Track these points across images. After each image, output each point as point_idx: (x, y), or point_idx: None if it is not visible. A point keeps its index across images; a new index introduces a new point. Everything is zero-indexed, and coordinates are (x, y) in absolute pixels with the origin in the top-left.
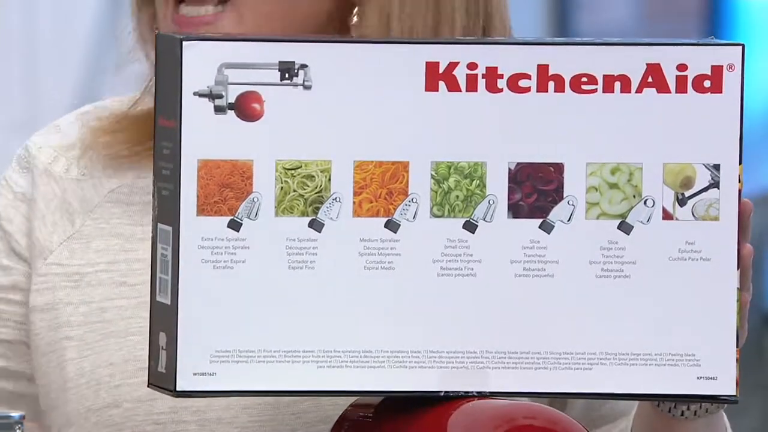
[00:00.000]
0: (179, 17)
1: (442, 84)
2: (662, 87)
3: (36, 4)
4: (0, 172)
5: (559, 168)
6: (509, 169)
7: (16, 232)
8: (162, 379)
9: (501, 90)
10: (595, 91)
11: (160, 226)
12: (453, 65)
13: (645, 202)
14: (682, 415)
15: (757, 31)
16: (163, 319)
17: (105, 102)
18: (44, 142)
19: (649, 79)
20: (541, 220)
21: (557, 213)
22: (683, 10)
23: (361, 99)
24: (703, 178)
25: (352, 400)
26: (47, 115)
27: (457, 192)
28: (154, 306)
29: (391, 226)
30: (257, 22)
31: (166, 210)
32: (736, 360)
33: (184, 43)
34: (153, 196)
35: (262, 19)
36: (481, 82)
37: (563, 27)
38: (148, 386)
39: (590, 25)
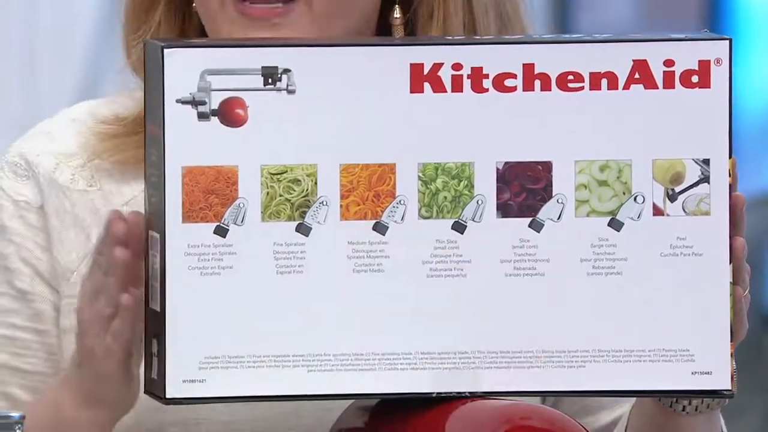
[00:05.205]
0: (250, 8)
1: (427, 85)
2: (649, 83)
3: (36, 4)
4: None
5: (547, 166)
6: (497, 168)
7: (31, 246)
8: (154, 386)
9: (487, 90)
10: (581, 88)
11: (150, 233)
12: (438, 66)
13: (635, 199)
14: (683, 410)
15: (757, 31)
16: (154, 327)
17: (91, 104)
18: (41, 149)
19: (636, 76)
20: (530, 219)
21: (546, 211)
22: (683, 10)
23: (345, 102)
24: (692, 174)
25: (340, 406)
26: (47, 115)
27: (445, 193)
28: (147, 313)
29: (380, 228)
30: (326, 12)
31: (154, 217)
32: (731, 354)
33: (165, 50)
34: (144, 203)
35: (329, 12)
36: (467, 83)
37: (564, 27)
38: (144, 393)
39: (591, 24)
